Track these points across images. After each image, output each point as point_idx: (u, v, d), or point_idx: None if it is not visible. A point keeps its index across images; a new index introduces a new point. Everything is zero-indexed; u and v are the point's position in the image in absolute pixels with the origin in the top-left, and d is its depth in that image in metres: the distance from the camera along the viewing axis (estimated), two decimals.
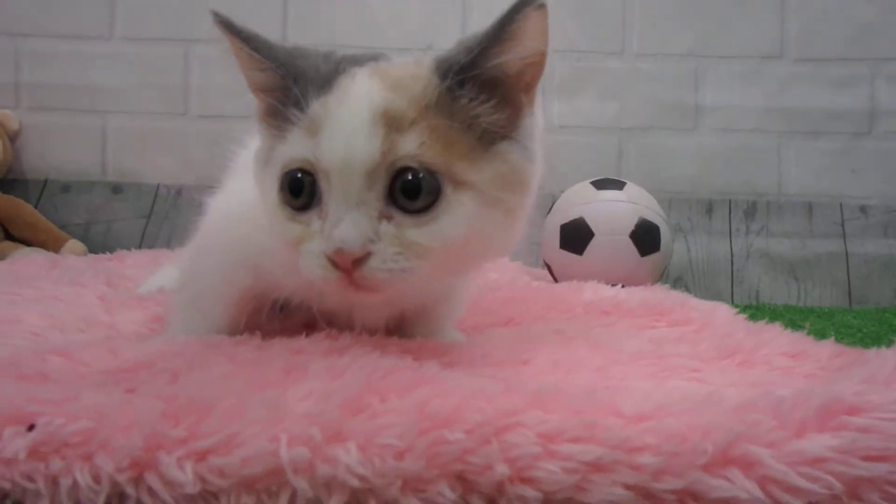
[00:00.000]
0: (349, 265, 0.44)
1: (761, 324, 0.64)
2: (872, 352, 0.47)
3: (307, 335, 0.56)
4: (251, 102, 1.34)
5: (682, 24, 1.23)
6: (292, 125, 0.48)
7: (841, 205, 1.26)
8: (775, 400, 0.39)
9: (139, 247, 1.26)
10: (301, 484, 0.35)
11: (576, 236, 0.97)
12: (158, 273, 0.89)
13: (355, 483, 0.35)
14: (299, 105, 0.48)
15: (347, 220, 0.44)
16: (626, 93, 1.24)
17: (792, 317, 1.12)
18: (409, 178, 0.44)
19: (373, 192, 0.44)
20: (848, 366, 0.48)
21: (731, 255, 1.27)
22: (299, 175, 0.47)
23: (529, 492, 0.35)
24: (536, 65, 0.48)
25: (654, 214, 0.98)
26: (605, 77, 1.24)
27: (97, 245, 1.25)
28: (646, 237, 0.96)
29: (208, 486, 0.36)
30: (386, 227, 0.45)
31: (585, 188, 1.01)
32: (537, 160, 0.50)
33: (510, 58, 0.46)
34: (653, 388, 0.46)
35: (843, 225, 1.26)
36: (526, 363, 0.52)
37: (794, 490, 0.34)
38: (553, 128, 1.25)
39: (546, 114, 1.21)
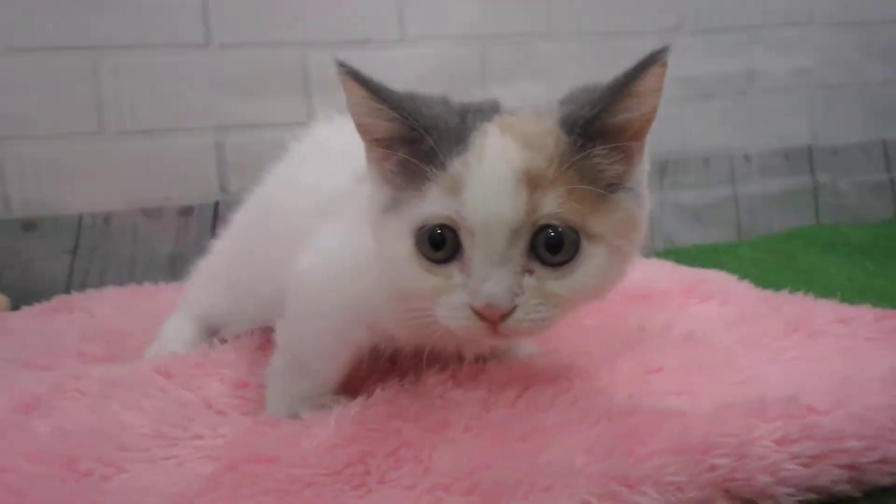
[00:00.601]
0: (497, 318, 0.47)
1: (784, 293, 0.77)
2: None
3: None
4: (180, 115, 1.22)
5: (600, 5, 1.32)
6: (427, 180, 0.49)
7: (730, 156, 1.48)
8: None
9: (67, 287, 1.13)
10: None
11: None
12: (170, 327, 0.82)
13: None
14: (432, 160, 0.49)
15: (495, 277, 0.46)
16: (556, 74, 1.31)
17: (702, 255, 1.32)
18: (552, 234, 0.47)
19: (516, 249, 0.47)
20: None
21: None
22: (439, 231, 0.48)
23: (781, 489, 0.44)
24: (650, 116, 0.50)
25: None
26: (538, 59, 1.31)
27: (15, 292, 1.09)
28: None
29: None
30: (528, 281, 0.47)
31: None
32: (646, 205, 0.53)
33: (632, 115, 0.48)
34: (788, 377, 0.56)
35: (732, 172, 1.48)
36: (660, 370, 0.60)
37: None
38: None
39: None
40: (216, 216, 1.16)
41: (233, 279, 0.77)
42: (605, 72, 0.47)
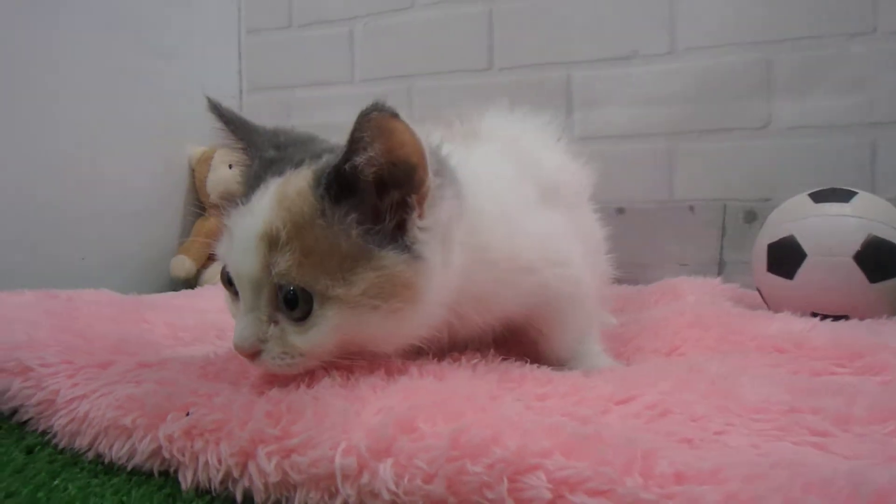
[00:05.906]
0: (246, 356, 0.50)
1: None
2: None
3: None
4: None
5: None
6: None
7: None
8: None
9: None
10: (347, 490, 0.41)
11: (785, 257, 0.85)
12: None
13: (386, 497, 0.39)
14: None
15: (243, 323, 0.50)
16: (875, 81, 1.03)
17: None
18: (287, 292, 0.49)
19: (262, 300, 0.49)
20: None
21: None
22: (226, 269, 0.53)
23: None
24: (405, 166, 0.47)
25: (891, 230, 0.81)
26: (847, 65, 1.05)
27: None
28: (877, 259, 0.80)
29: (288, 479, 0.43)
30: (273, 330, 0.50)
31: (801, 201, 0.88)
32: (431, 260, 0.49)
33: (359, 162, 0.47)
34: (737, 450, 0.41)
35: None
36: (626, 402, 0.50)
37: None
38: (781, 131, 1.11)
39: (772, 116, 1.07)
40: None
41: None
42: None
